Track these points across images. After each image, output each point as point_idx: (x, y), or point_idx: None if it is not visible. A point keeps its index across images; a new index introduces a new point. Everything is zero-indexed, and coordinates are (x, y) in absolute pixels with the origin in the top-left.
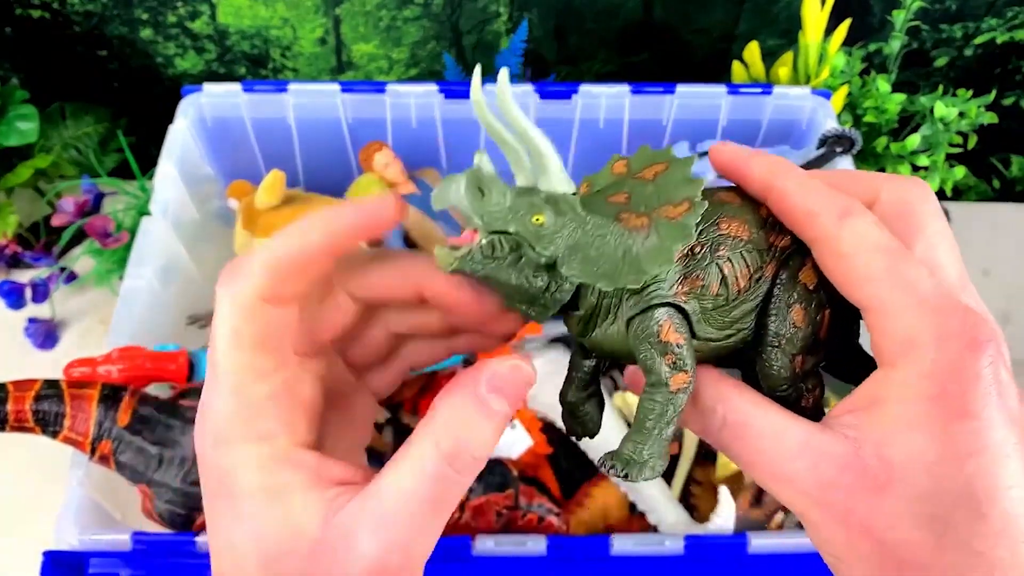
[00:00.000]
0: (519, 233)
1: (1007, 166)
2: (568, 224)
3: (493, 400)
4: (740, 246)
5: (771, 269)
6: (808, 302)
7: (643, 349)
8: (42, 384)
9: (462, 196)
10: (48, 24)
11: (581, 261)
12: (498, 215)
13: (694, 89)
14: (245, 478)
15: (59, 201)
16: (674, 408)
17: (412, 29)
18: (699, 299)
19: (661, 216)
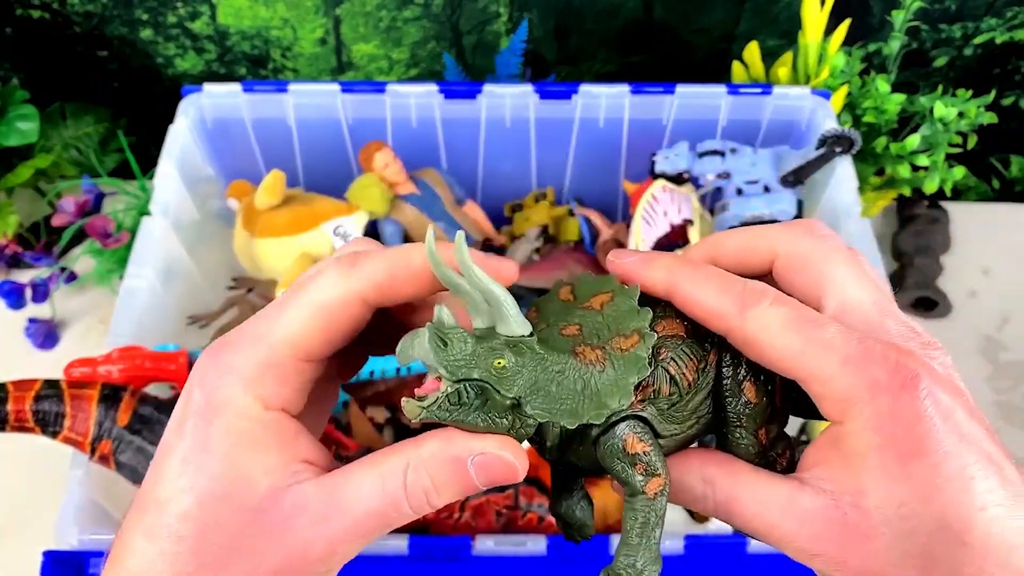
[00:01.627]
0: (482, 378)
1: (1007, 166)
2: (528, 364)
3: (474, 470)
4: (679, 344)
5: (713, 356)
6: (756, 376)
7: (614, 464)
8: (42, 384)
9: (426, 349)
10: (48, 24)
11: (544, 399)
12: (461, 363)
13: (694, 89)
14: (234, 418)
15: (59, 201)
16: (656, 512)
17: (412, 29)
18: (654, 403)
19: (614, 349)
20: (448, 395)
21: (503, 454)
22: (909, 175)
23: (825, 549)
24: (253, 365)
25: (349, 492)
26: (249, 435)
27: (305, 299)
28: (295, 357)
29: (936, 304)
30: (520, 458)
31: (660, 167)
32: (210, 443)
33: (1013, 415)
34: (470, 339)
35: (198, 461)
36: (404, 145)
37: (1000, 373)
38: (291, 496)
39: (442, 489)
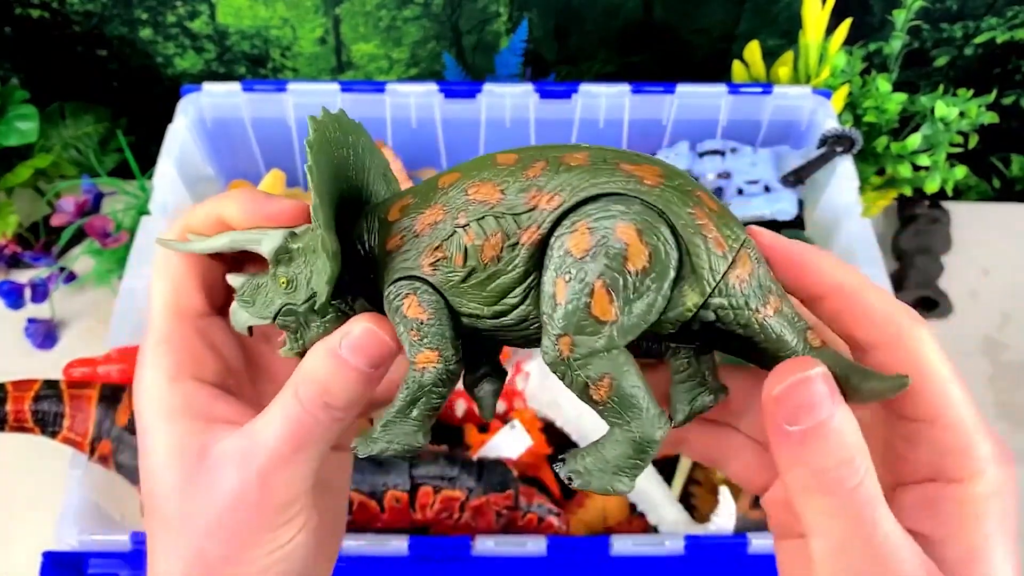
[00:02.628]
0: (283, 303)
1: (1007, 165)
2: (297, 263)
3: (348, 354)
4: (484, 211)
5: (532, 235)
6: (571, 272)
7: (395, 323)
8: (41, 384)
9: (242, 315)
10: (48, 24)
11: (313, 279)
12: (265, 306)
13: (694, 89)
14: (148, 400)
15: (59, 201)
16: (419, 387)
17: (412, 29)
18: (445, 273)
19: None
20: (287, 335)
21: (359, 327)
22: (910, 175)
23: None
24: (146, 347)
25: (259, 429)
26: (158, 413)
27: (153, 270)
28: (172, 319)
29: (937, 304)
30: (380, 323)
31: None
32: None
33: (1013, 415)
34: (258, 283)
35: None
36: (404, 145)
37: (1001, 373)
38: (214, 454)
39: (331, 386)
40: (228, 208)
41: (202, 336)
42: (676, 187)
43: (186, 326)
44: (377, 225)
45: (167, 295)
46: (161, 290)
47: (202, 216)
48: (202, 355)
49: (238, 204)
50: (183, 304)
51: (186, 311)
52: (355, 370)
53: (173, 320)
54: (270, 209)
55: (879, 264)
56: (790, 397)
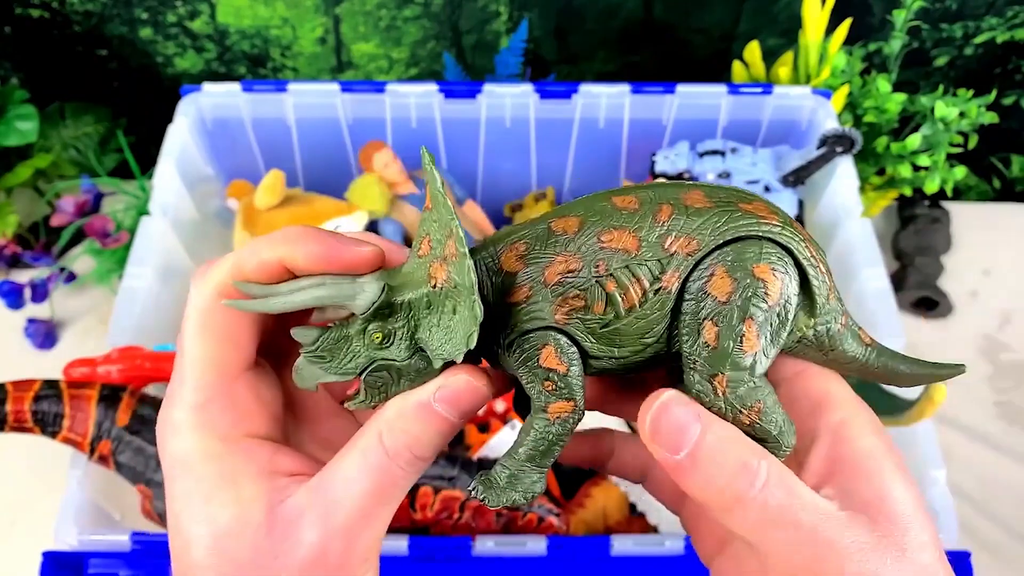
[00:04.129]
0: (374, 360)
1: (1007, 166)
2: (399, 320)
3: (441, 407)
4: (626, 260)
5: (673, 279)
6: (721, 316)
7: (523, 374)
8: (41, 384)
9: (315, 373)
10: (48, 24)
11: (437, 338)
12: (348, 362)
13: (694, 89)
14: (199, 465)
15: (59, 201)
16: (551, 437)
17: (412, 29)
18: (583, 320)
19: (449, 256)
20: (367, 389)
21: (458, 380)
22: (910, 175)
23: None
24: (188, 409)
25: (338, 482)
26: (216, 477)
27: (189, 324)
28: (219, 377)
29: (937, 304)
30: (476, 375)
31: (660, 167)
32: (189, 501)
33: (1014, 416)
34: (338, 336)
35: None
36: (404, 145)
37: (1001, 373)
38: (285, 510)
39: (421, 437)
40: (291, 252)
41: (252, 390)
42: (789, 222)
43: (236, 383)
44: (492, 276)
45: (211, 351)
46: (202, 347)
47: (256, 262)
48: (254, 410)
49: (305, 248)
50: (230, 360)
51: (234, 367)
52: (447, 422)
53: (219, 377)
54: (348, 255)
55: (879, 264)
56: (659, 428)
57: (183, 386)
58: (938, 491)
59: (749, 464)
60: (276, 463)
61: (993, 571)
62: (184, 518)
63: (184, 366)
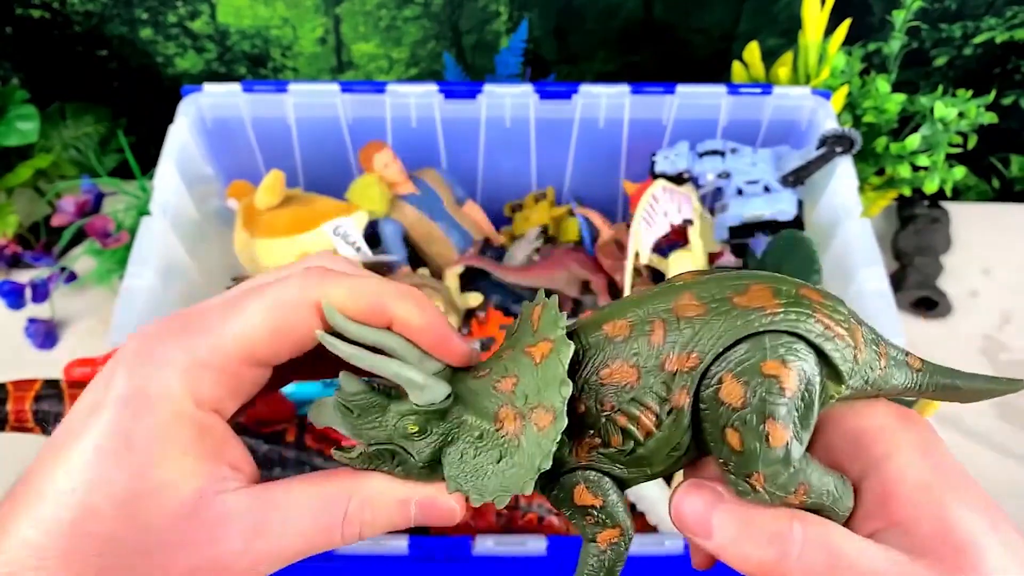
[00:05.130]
0: (393, 443)
1: (1007, 166)
2: (441, 429)
3: (415, 513)
4: (629, 393)
5: (682, 397)
6: (740, 421)
7: (566, 514)
8: (42, 384)
9: (336, 418)
10: (48, 24)
11: (458, 465)
12: (370, 430)
13: (694, 89)
14: (165, 414)
15: (59, 201)
16: (607, 563)
17: (412, 29)
18: (605, 455)
19: (532, 424)
20: (366, 455)
21: (447, 501)
22: (909, 175)
23: None
24: (194, 360)
25: (286, 510)
26: (178, 435)
27: (268, 299)
28: (242, 359)
29: (936, 304)
30: (460, 504)
31: (660, 167)
32: (134, 437)
33: (1014, 416)
34: (379, 403)
35: (117, 454)
36: (404, 145)
37: (1000, 373)
38: (218, 504)
39: (378, 524)
40: (406, 312)
41: (250, 375)
42: (793, 302)
43: (247, 364)
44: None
45: (267, 333)
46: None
47: (364, 301)
48: (235, 390)
49: (422, 318)
50: (269, 350)
51: (266, 358)
52: (405, 523)
53: (246, 356)
54: (451, 345)
55: (879, 264)
56: (684, 521)
57: (202, 334)
58: None
59: (780, 532)
60: (226, 449)
61: None
62: (107, 449)
63: (228, 318)
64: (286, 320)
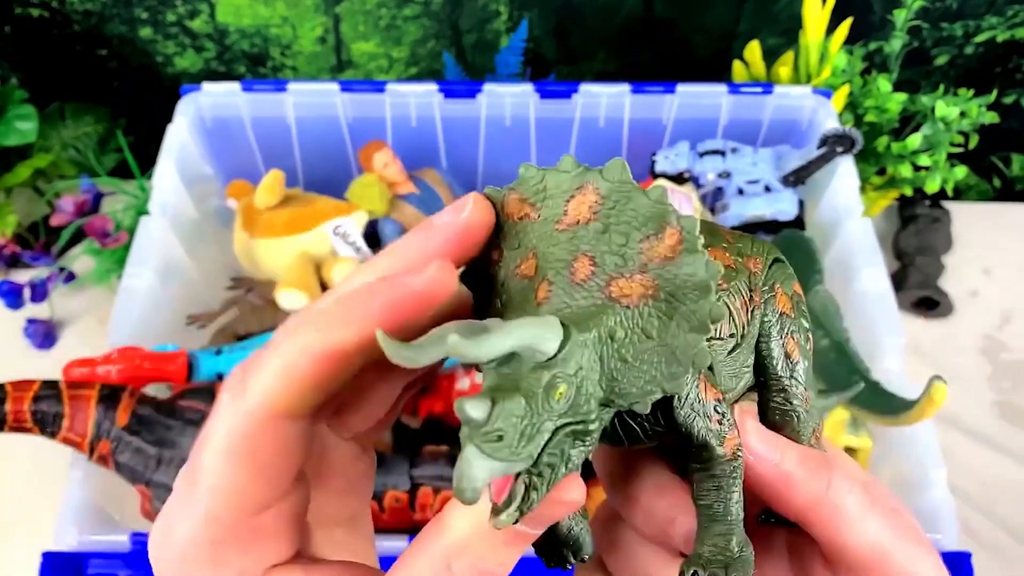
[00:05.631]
0: (559, 427)
1: (1008, 165)
2: (585, 363)
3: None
4: (733, 277)
5: (758, 298)
6: (795, 330)
7: (694, 421)
8: (41, 385)
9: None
10: (47, 23)
11: (628, 384)
12: (526, 438)
13: (695, 88)
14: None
15: (58, 201)
16: (738, 478)
17: (412, 28)
18: (712, 345)
19: (654, 261)
20: (532, 478)
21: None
22: (911, 175)
23: None
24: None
25: None
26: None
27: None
28: (245, 514)
29: (937, 304)
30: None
31: (661, 167)
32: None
33: (1014, 416)
34: (513, 407)
35: None
36: (404, 144)
37: (1001, 373)
38: None
39: (498, 566)
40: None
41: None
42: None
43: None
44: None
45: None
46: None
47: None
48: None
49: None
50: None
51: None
52: (527, 544)
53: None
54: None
55: (880, 264)
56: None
57: (195, 519)
58: (938, 492)
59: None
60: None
61: (994, 572)
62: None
63: (200, 493)
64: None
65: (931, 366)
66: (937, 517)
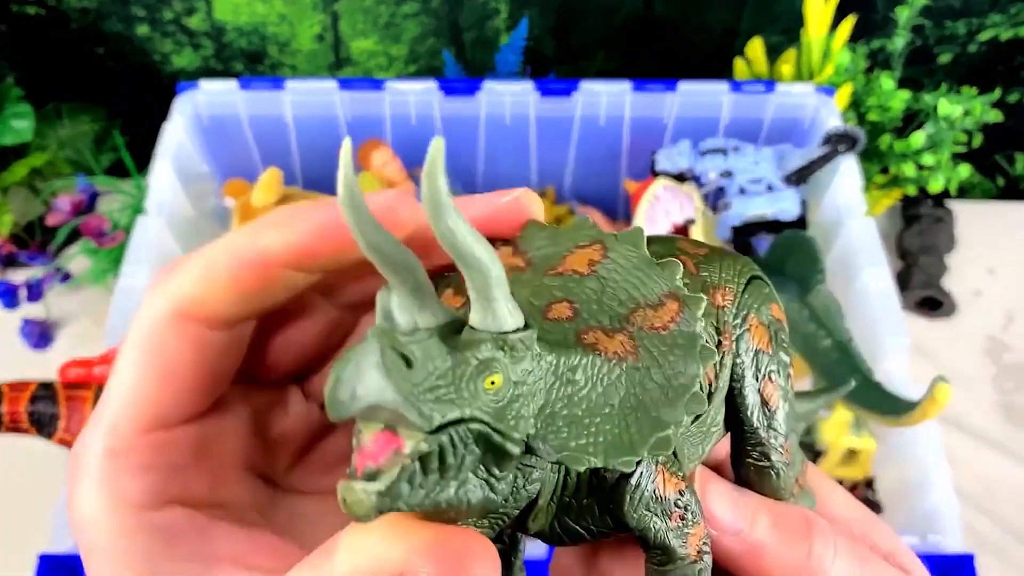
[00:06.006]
0: (475, 417)
1: (1012, 164)
2: (534, 375)
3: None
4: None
5: (729, 339)
6: (773, 370)
7: (645, 518)
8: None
9: (377, 379)
10: (44, 21)
11: (568, 430)
12: (439, 395)
13: (696, 86)
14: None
15: (54, 200)
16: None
17: (411, 25)
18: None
19: (644, 328)
20: (422, 457)
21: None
22: (914, 174)
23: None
24: (98, 455)
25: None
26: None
27: (129, 345)
28: (148, 424)
29: (940, 304)
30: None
31: (661, 165)
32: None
33: (1017, 417)
34: (440, 348)
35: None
36: (403, 143)
37: (1004, 374)
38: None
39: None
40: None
41: (195, 440)
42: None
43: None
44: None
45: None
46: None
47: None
48: (190, 466)
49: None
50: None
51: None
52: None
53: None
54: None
55: (883, 264)
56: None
57: (99, 423)
58: (942, 493)
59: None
60: (212, 546)
61: (996, 573)
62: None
63: (108, 397)
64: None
65: (934, 366)
66: (940, 518)
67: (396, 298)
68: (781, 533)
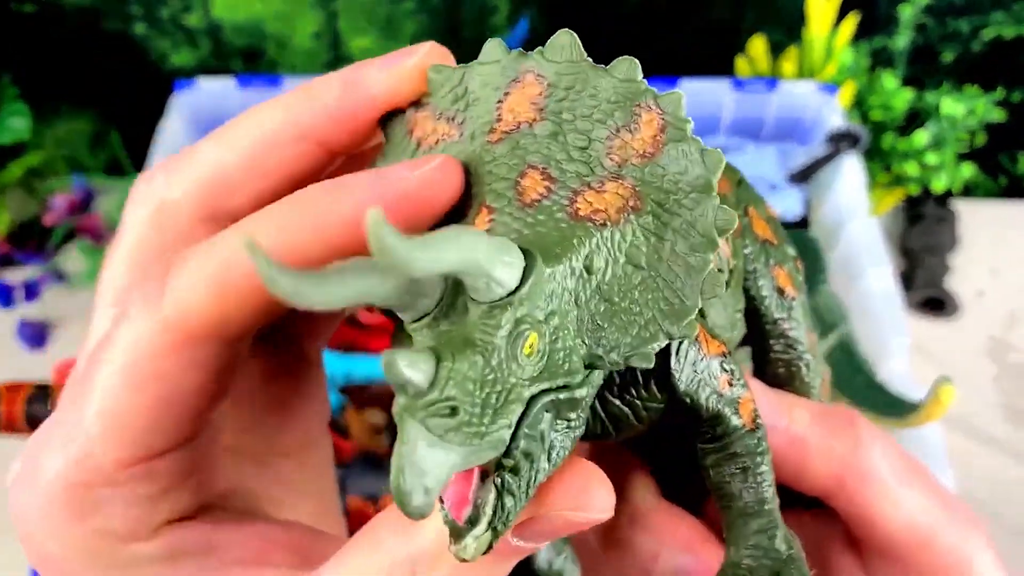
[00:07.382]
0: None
1: (1015, 163)
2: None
3: (522, 543)
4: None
5: (738, 223)
6: (782, 260)
7: (699, 389)
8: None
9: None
10: (41, 19)
11: (619, 327)
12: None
13: (698, 84)
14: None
15: (51, 199)
16: (764, 454)
17: (410, 23)
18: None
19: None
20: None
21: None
22: (917, 173)
23: None
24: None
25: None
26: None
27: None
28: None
29: (943, 304)
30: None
31: None
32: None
33: (1020, 418)
34: (463, 357)
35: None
36: None
37: (1007, 374)
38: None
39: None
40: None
41: (183, 463)
42: None
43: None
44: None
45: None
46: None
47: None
48: (178, 486)
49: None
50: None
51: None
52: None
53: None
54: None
55: (887, 263)
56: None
57: (63, 449)
58: None
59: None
60: (217, 557)
61: None
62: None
63: (86, 417)
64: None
65: (937, 367)
66: None
67: (400, 356)
68: (823, 428)
